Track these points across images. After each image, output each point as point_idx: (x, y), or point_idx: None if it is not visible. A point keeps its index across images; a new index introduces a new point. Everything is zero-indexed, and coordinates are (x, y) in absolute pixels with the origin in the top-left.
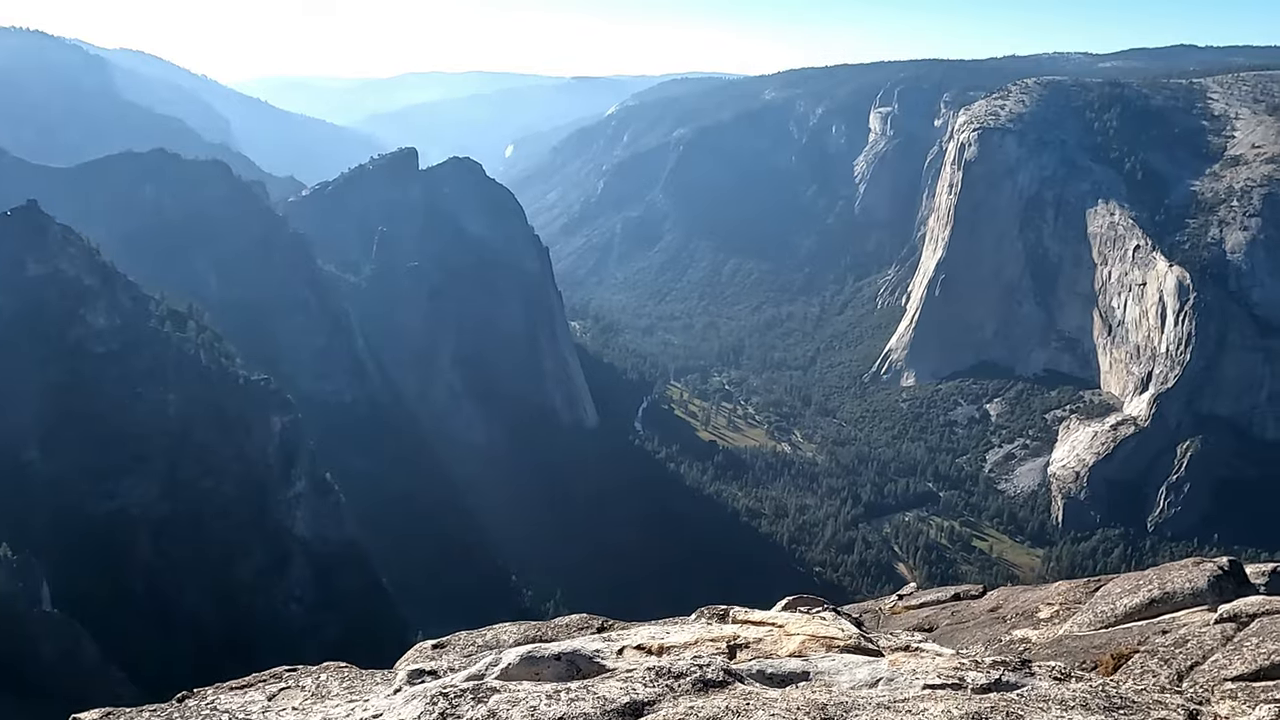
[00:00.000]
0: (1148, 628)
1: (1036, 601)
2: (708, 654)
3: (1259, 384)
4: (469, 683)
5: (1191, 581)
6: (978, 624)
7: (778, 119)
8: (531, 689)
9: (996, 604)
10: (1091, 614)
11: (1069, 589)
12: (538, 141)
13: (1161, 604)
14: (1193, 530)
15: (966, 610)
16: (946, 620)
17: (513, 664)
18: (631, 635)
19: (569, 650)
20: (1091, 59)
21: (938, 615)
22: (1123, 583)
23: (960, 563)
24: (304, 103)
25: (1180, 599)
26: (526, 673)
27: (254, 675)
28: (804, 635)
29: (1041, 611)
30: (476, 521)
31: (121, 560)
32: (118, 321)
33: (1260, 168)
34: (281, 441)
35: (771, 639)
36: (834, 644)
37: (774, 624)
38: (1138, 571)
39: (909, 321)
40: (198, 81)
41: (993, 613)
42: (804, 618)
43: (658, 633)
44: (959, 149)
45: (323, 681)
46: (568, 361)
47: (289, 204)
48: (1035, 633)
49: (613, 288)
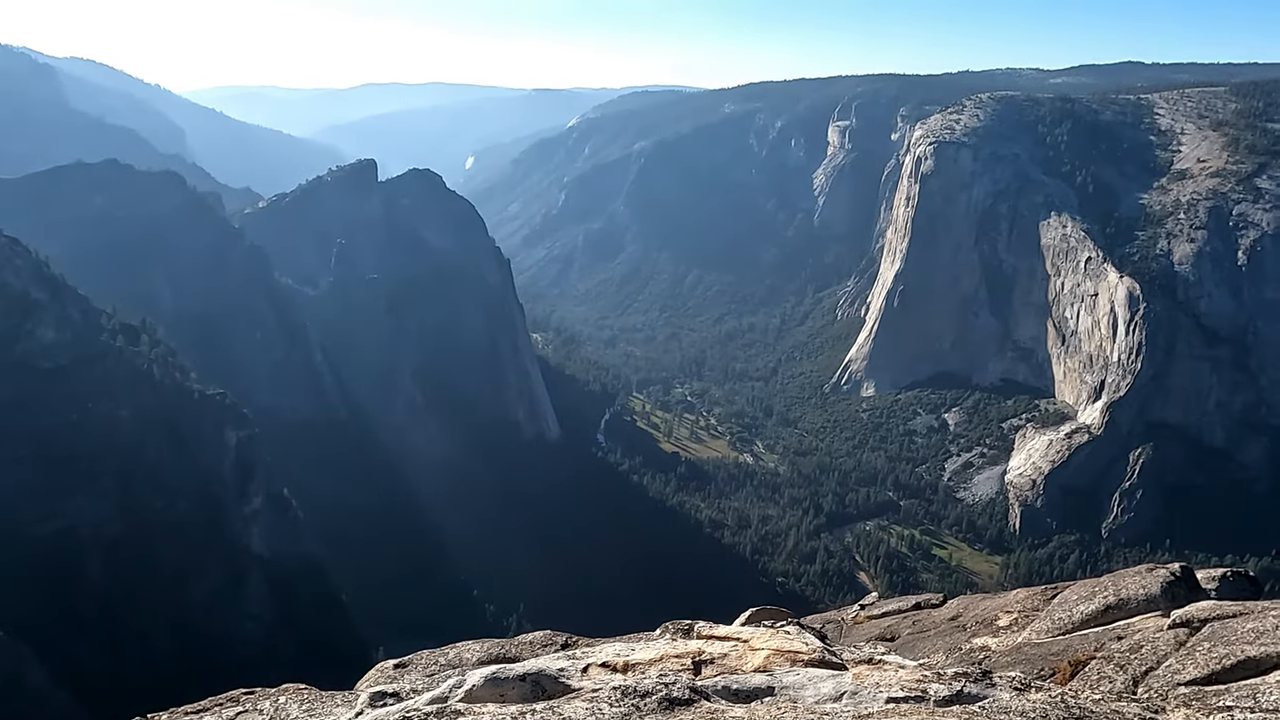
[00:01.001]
0: (1104, 634)
1: (996, 610)
2: (673, 671)
3: (1206, 392)
4: (432, 706)
5: (1145, 588)
6: (939, 633)
7: (737, 132)
8: (496, 711)
9: (957, 613)
10: (1049, 621)
11: (1027, 597)
12: (499, 153)
13: (1117, 610)
14: (1145, 535)
15: (928, 619)
16: (908, 630)
17: (477, 686)
18: (596, 653)
19: (534, 670)
20: (1043, 75)
21: (899, 625)
22: (1079, 590)
23: (921, 571)
24: (261, 113)
25: (1135, 605)
26: (491, 694)
27: (210, 699)
28: (769, 650)
29: (1001, 619)
30: (438, 536)
31: (71, 581)
32: (67, 336)
33: (1205, 181)
34: (238, 457)
35: (736, 654)
36: (798, 658)
37: (738, 639)
38: (1093, 579)
39: (868, 332)
40: (151, 91)
41: (953, 621)
42: (768, 632)
43: (623, 650)
44: (915, 162)
45: (281, 704)
46: (530, 374)
47: (245, 215)
48: (995, 641)
49: (575, 300)
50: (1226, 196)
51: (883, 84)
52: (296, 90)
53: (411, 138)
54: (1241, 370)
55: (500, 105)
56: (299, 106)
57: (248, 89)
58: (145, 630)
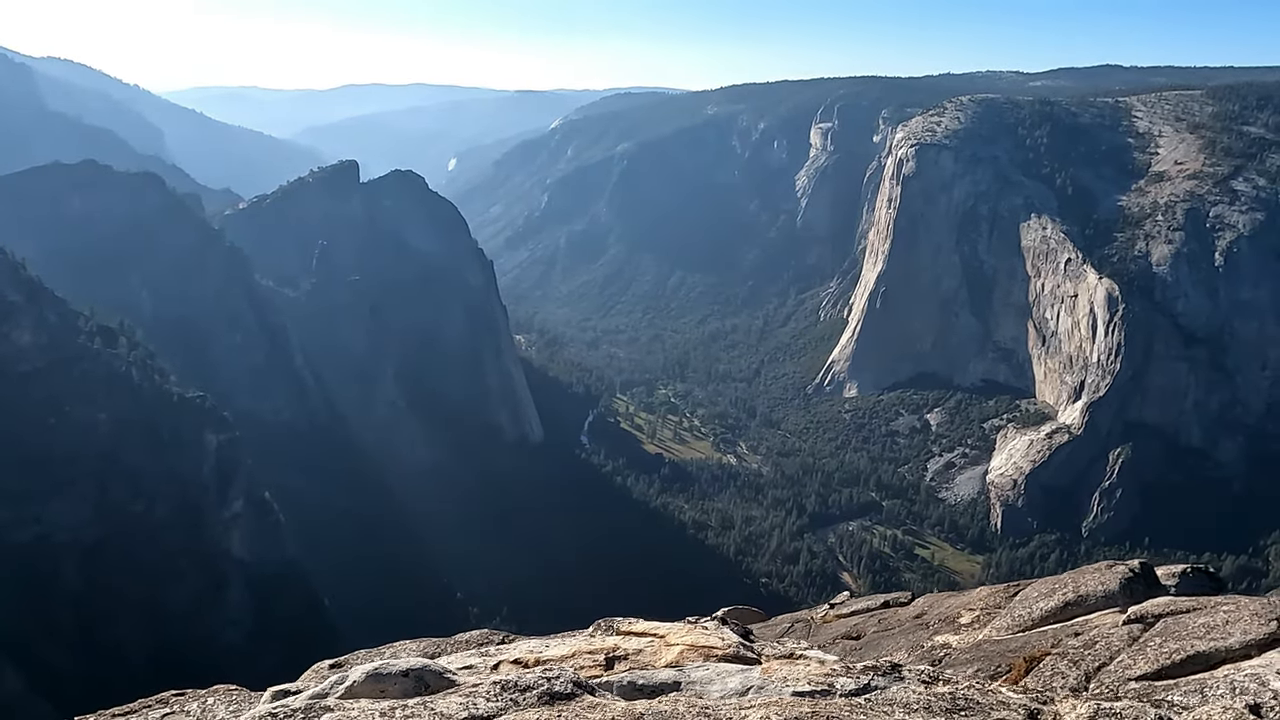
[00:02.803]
0: (1062, 630)
1: (959, 607)
2: (585, 666)
3: (1183, 392)
4: (303, 702)
5: (1104, 584)
6: (902, 630)
7: (720, 134)
8: (367, 707)
9: (921, 610)
10: (1010, 618)
11: (990, 594)
12: (481, 155)
13: (1076, 607)
14: (1124, 534)
15: (893, 618)
16: (873, 628)
17: (358, 682)
18: (512, 649)
19: (418, 666)
20: (1022, 78)
21: (865, 623)
22: (1040, 587)
23: (903, 571)
24: (241, 114)
25: (1093, 601)
26: (371, 690)
27: (140, 700)
28: (683, 645)
29: (963, 617)
30: (421, 540)
31: (47, 587)
32: (44, 339)
33: (1183, 184)
34: (218, 461)
35: (651, 650)
36: (712, 653)
37: (655, 635)
38: (1054, 576)
39: (850, 333)
40: (129, 91)
41: (917, 619)
42: (685, 628)
43: (538, 646)
44: (897, 164)
45: (209, 705)
46: (513, 376)
47: (225, 217)
48: (956, 638)
49: (558, 301)
50: (1203, 199)
51: (865, 86)
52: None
53: (393, 139)
54: (1218, 370)
55: (483, 107)
56: (280, 107)
57: (228, 89)
58: (124, 636)
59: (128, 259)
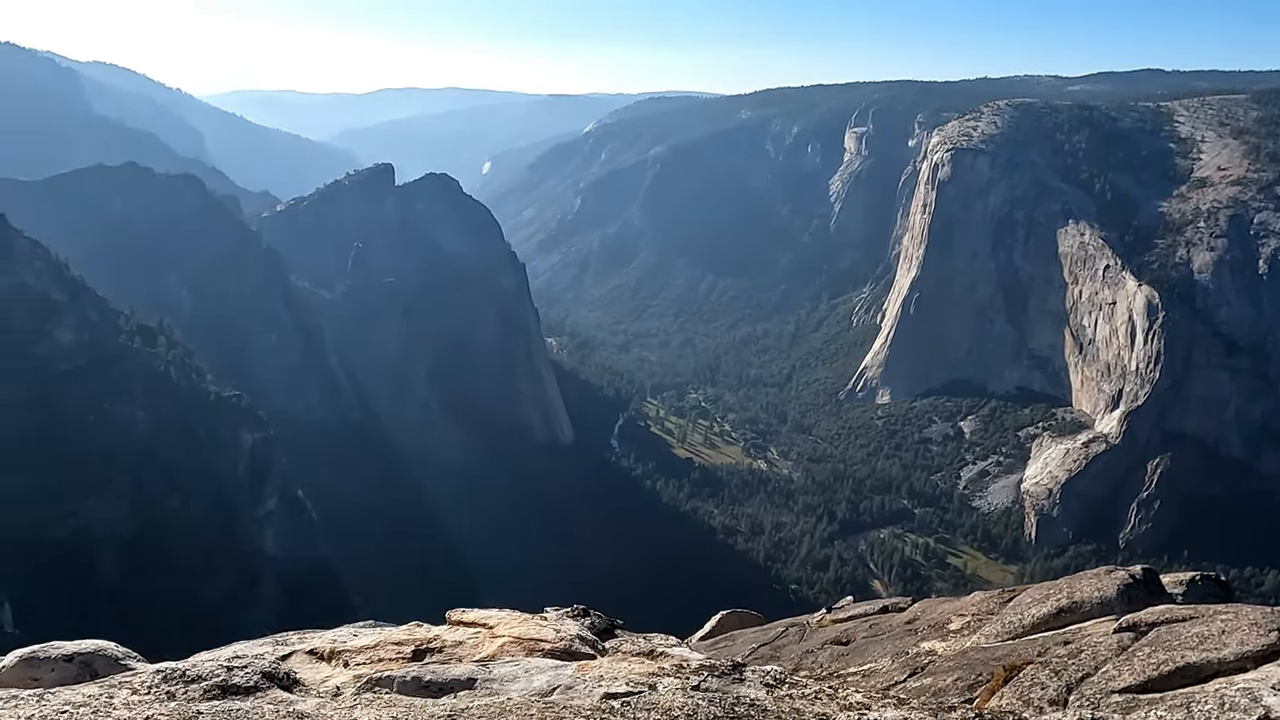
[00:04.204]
0: (1052, 638)
1: (950, 613)
2: (385, 658)
3: (1225, 402)
4: None
5: (1100, 591)
6: (891, 636)
7: (753, 138)
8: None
9: (914, 616)
10: (1000, 625)
11: (983, 600)
12: (515, 158)
13: (1069, 614)
14: (1163, 546)
15: (884, 623)
16: (863, 634)
17: (8, 667)
18: (313, 639)
19: (89, 651)
20: (1061, 82)
21: (856, 629)
22: (1034, 593)
23: (935, 579)
24: (279, 118)
25: (1088, 609)
26: (19, 678)
27: None
28: (508, 638)
29: (953, 623)
30: (451, 539)
31: (86, 581)
32: (85, 337)
33: (1226, 189)
34: (252, 459)
35: (474, 642)
36: (539, 647)
37: (484, 625)
38: (1050, 581)
39: (884, 339)
40: (171, 95)
41: (908, 625)
42: (519, 618)
43: (344, 635)
44: (932, 169)
45: None
46: (543, 378)
47: (263, 219)
48: (943, 645)
49: (589, 304)
50: (1247, 205)
51: (900, 90)
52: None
53: (428, 142)
54: (1261, 379)
55: (517, 110)
56: (316, 111)
57: (266, 93)
58: (159, 630)
59: (167, 259)
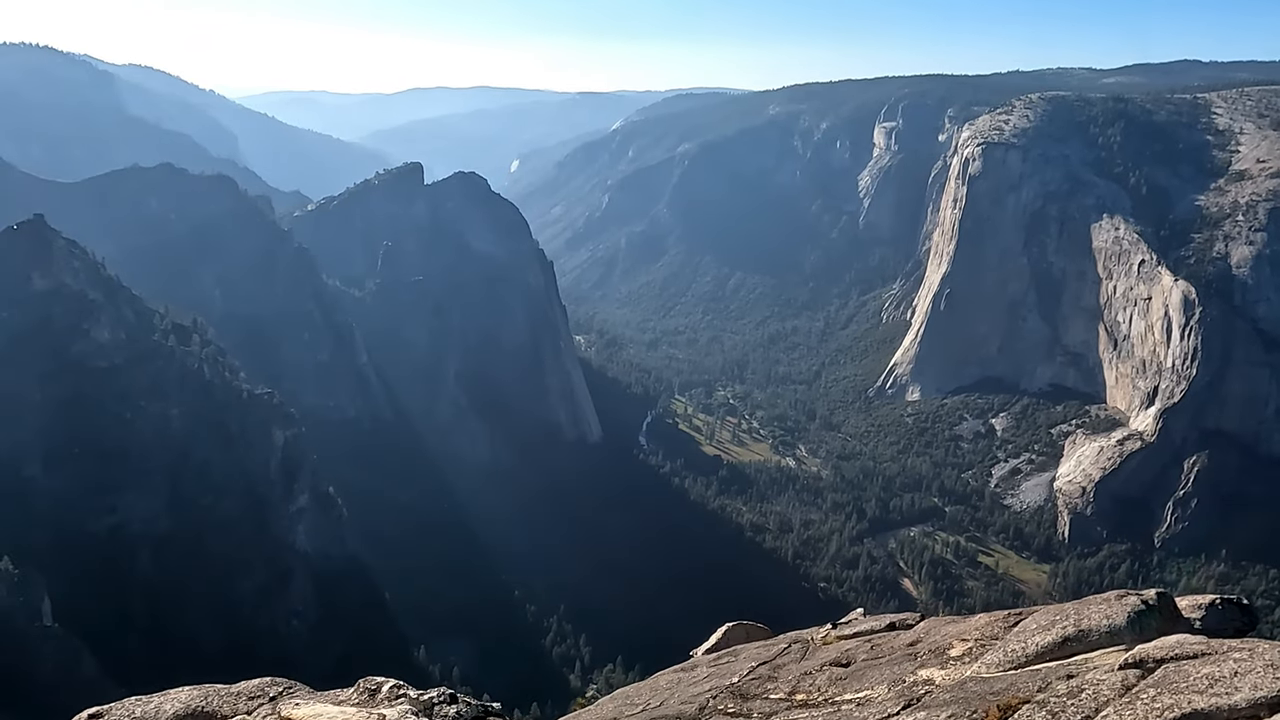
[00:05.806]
0: (1054, 671)
1: (953, 637)
2: None
3: (1264, 400)
4: None
5: (1109, 618)
6: (890, 660)
7: (782, 134)
8: None
9: (916, 638)
10: (1002, 653)
11: (988, 623)
12: (543, 156)
13: (1075, 643)
14: (1199, 546)
15: (886, 644)
16: (864, 655)
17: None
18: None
19: None
20: (1095, 74)
21: (858, 649)
22: (1039, 618)
23: (966, 578)
24: (310, 118)
25: (1096, 638)
26: None
27: None
28: None
29: (954, 648)
30: (480, 537)
31: (122, 576)
32: (121, 336)
33: (1265, 182)
34: (284, 456)
35: None
36: None
37: None
38: (1058, 605)
39: (914, 336)
40: (205, 97)
41: (909, 648)
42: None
43: None
44: (963, 164)
45: None
46: (572, 376)
47: (294, 218)
48: (941, 673)
49: (617, 302)
50: None
51: (930, 85)
52: (345, 95)
53: (457, 141)
54: None
55: (545, 109)
56: (347, 111)
57: (298, 94)
58: (193, 625)
59: (201, 259)
